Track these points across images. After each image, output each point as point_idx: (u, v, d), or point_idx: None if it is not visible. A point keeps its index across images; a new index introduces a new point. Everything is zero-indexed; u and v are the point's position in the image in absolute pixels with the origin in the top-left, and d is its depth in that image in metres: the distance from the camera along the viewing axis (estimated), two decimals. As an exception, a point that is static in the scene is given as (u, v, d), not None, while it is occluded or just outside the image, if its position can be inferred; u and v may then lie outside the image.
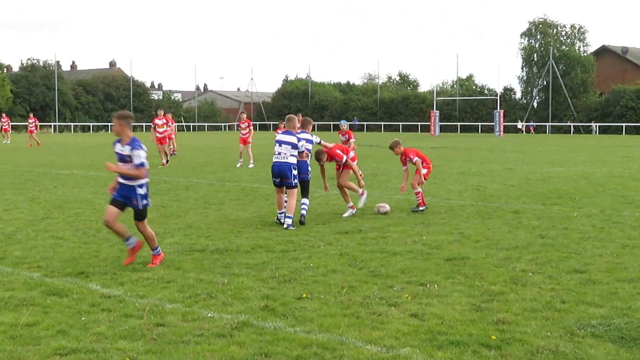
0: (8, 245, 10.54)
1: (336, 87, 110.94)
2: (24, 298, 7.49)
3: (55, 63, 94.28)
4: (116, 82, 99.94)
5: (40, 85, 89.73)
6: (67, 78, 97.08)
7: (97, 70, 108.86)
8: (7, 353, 5.82)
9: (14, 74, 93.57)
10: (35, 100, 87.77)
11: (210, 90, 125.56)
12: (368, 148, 42.00)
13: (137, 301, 7.40)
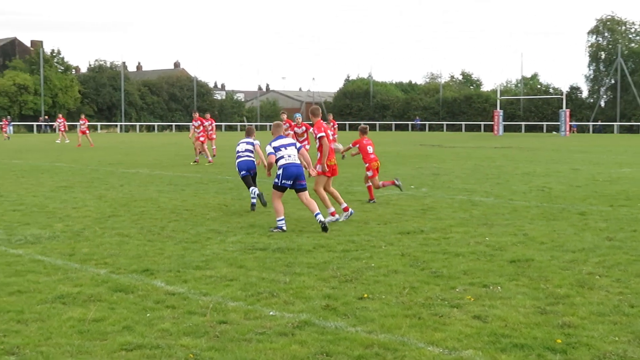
0: (76, 242, 10.80)
1: (398, 86, 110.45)
2: (91, 294, 7.67)
3: (122, 64, 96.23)
4: (180, 83, 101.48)
5: (107, 86, 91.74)
6: (133, 79, 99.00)
7: (161, 71, 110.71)
8: (76, 347, 5.96)
9: (82, 75, 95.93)
10: (102, 101, 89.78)
11: (272, 90, 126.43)
12: (430, 148, 41.71)
13: (200, 299, 7.49)
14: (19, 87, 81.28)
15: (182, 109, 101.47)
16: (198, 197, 16.59)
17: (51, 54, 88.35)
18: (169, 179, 21.08)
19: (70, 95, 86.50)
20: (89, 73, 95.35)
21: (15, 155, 33.41)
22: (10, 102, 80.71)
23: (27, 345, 5.99)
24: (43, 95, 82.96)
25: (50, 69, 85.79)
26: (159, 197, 16.44)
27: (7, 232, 11.62)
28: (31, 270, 8.79)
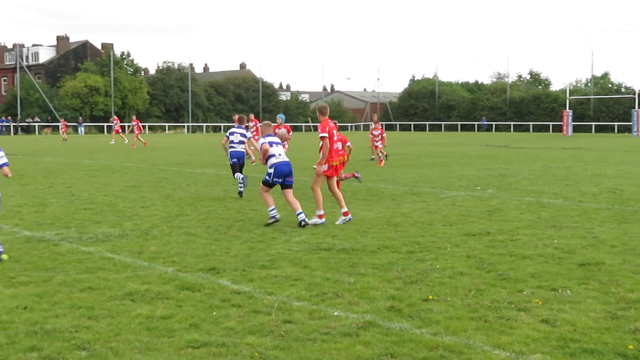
0: (145, 240, 11.01)
1: (464, 86, 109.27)
2: (159, 291, 7.80)
3: (189, 66, 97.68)
4: (246, 84, 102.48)
5: (175, 87, 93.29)
6: (199, 80, 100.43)
7: (228, 72, 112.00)
8: (144, 344, 6.08)
9: (151, 76, 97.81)
10: (170, 102, 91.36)
11: (337, 91, 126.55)
12: (496, 149, 41.13)
13: (265, 298, 7.55)
14: (90, 89, 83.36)
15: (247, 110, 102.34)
16: (263, 197, 16.70)
17: (121, 56, 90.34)
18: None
19: (139, 97, 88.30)
20: (157, 75, 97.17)
21: (86, 156, 34.26)
22: (82, 104, 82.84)
23: (98, 341, 6.13)
24: (113, 96, 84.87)
25: (120, 70, 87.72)
26: (225, 197, 16.63)
27: (79, 230, 11.92)
28: (101, 268, 9.00)
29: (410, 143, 50.12)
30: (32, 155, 34.75)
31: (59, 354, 5.82)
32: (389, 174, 23.05)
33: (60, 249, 10.31)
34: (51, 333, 6.34)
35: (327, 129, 12.63)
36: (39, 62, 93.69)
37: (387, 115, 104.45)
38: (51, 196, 16.88)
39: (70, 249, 10.26)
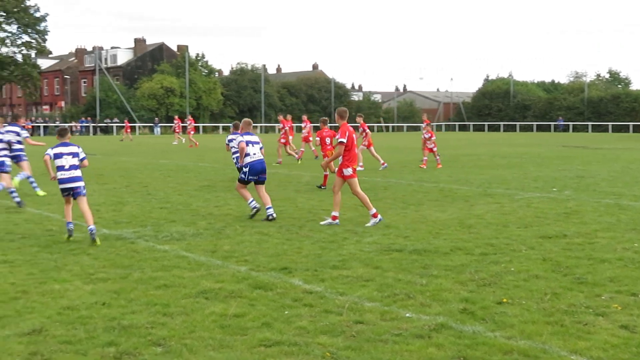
0: (218, 239, 11.16)
1: (540, 86, 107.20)
2: (232, 290, 7.89)
3: (262, 67, 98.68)
4: (318, 84, 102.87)
5: (248, 88, 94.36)
6: (272, 81, 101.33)
7: (300, 73, 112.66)
8: (217, 341, 6.16)
9: (225, 77, 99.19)
10: (243, 103, 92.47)
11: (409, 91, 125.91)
12: (573, 149, 40.20)
13: (337, 298, 7.55)
14: (166, 90, 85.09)
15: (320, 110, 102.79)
16: (335, 197, 16.72)
17: (196, 57, 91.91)
18: (306, 179, 21.40)
19: (213, 97, 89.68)
20: (231, 76, 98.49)
21: (162, 156, 34.96)
22: (158, 104, 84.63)
23: (173, 338, 6.24)
24: (188, 97, 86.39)
25: (195, 72, 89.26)
26: (296, 197, 16.72)
27: (155, 228, 12.16)
28: (176, 266, 9.16)
29: (483, 143, 49.42)
30: (110, 155, 35.66)
31: (135, 350, 5.94)
32: (462, 174, 22.77)
33: (137, 246, 10.55)
34: (128, 329, 6.49)
35: (347, 134, 12.48)
36: (117, 64, 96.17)
37: (460, 116, 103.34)
38: (128, 195, 17.28)
39: (146, 247, 10.48)
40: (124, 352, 5.88)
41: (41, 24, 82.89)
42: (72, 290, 7.94)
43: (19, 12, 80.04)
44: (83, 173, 11.41)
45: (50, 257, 9.76)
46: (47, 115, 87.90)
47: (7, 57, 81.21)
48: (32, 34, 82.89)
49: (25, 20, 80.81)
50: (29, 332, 6.39)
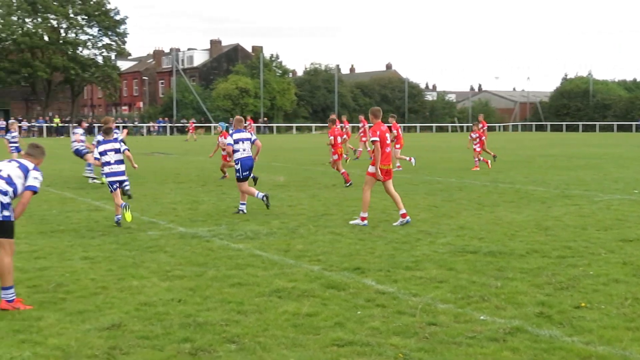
0: (291, 239, 11.23)
1: (621, 84, 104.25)
2: (305, 289, 7.94)
3: (336, 67, 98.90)
4: (392, 84, 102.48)
5: (322, 89, 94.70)
6: (346, 81, 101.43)
7: (374, 73, 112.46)
8: (290, 340, 6.20)
9: (298, 78, 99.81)
10: (316, 103, 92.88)
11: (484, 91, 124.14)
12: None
13: (410, 299, 7.51)
14: (240, 91, 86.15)
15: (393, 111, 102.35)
16: (408, 197, 16.62)
17: (270, 58, 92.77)
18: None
19: (287, 98, 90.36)
20: (304, 76, 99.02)
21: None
22: (233, 105, 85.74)
23: (246, 335, 6.31)
24: (262, 97, 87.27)
25: (269, 72, 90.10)
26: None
27: (229, 227, 12.33)
28: (250, 264, 9.27)
29: (561, 144, 48.37)
30: (186, 155, 36.31)
31: (210, 346, 6.04)
32: (539, 175, 22.33)
33: (212, 245, 10.71)
34: (203, 326, 6.59)
35: (379, 133, 12.38)
36: (193, 65, 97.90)
37: (537, 115, 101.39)
38: (204, 194, 17.57)
39: (221, 246, 10.63)
40: (199, 349, 5.98)
41: (121, 27, 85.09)
42: (150, 286, 8.11)
43: (99, 16, 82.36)
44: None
45: (128, 254, 10.01)
46: (126, 116, 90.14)
47: (89, 59, 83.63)
48: (112, 36, 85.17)
49: (106, 23, 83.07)
50: (108, 327, 6.56)
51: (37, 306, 7.26)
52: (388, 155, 12.64)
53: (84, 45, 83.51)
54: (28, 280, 8.31)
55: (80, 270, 8.92)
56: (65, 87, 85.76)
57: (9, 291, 7.24)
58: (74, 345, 6.05)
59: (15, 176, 7.42)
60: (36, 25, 79.12)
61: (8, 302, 7.20)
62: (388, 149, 12.61)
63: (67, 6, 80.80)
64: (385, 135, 12.50)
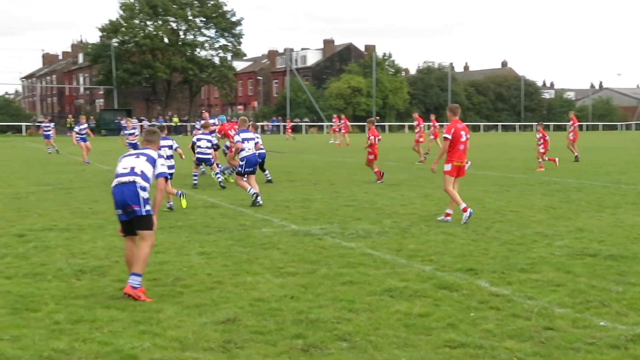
0: (403, 238, 11.17)
1: None
2: (417, 289, 7.87)
3: (449, 65, 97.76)
4: (507, 82, 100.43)
5: (435, 87, 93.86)
6: (459, 79, 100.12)
7: (488, 71, 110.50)
8: (402, 339, 6.17)
9: (411, 76, 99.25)
10: (429, 102, 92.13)
11: (605, 88, 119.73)
12: None
13: (525, 302, 7.32)
14: (353, 90, 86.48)
15: (508, 109, 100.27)
16: (524, 198, 16.25)
17: (383, 57, 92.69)
18: (493, 180, 20.96)
19: (399, 97, 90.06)
20: (417, 75, 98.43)
21: (348, 154, 35.55)
22: (345, 104, 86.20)
23: (358, 334, 6.32)
24: (375, 96, 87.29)
25: (382, 71, 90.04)
26: (483, 197, 16.40)
27: (341, 226, 12.39)
28: (362, 263, 9.28)
29: None
30: (299, 153, 36.78)
31: (322, 343, 6.08)
32: (664, 176, 21.32)
33: (324, 243, 10.79)
34: (315, 322, 6.65)
35: (453, 131, 12.57)
36: (306, 65, 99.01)
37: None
38: (316, 193, 17.73)
39: (333, 244, 10.70)
40: (311, 345, 6.03)
41: (237, 28, 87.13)
42: (263, 282, 8.26)
43: (217, 18, 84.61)
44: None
45: (243, 250, 10.22)
46: (241, 115, 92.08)
47: (206, 59, 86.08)
48: (228, 37, 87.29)
49: (223, 24, 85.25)
50: (223, 321, 6.72)
51: (156, 299, 7.53)
52: (462, 152, 12.80)
53: (201, 46, 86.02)
54: (148, 274, 8.62)
55: (197, 265, 9.18)
56: (183, 87, 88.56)
57: (138, 278, 7.60)
58: (191, 338, 6.23)
59: (148, 170, 7.94)
60: (157, 28, 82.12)
61: (133, 288, 7.54)
62: (461, 146, 12.73)
63: (186, 9, 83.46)
64: (460, 133, 12.68)
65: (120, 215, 7.79)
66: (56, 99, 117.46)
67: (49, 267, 9.08)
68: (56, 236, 11.38)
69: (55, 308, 7.17)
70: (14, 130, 73.67)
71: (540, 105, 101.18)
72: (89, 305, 7.29)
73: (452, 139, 12.63)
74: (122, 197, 7.69)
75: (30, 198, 16.78)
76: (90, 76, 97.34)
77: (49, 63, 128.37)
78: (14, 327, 6.54)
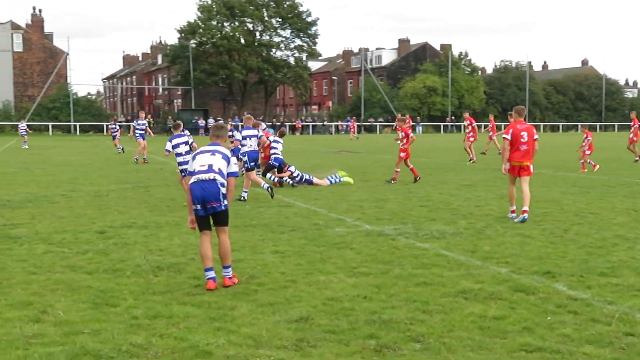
0: (478, 239, 11.02)
1: None
2: (492, 292, 7.76)
3: (527, 64, 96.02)
4: (588, 81, 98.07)
5: (512, 86, 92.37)
6: (538, 78, 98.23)
7: (568, 70, 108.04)
8: (476, 342, 6.08)
9: (488, 76, 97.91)
10: (506, 101, 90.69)
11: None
12: None
13: (604, 307, 7.13)
14: (428, 89, 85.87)
15: (589, 109, 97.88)
16: (604, 200, 15.83)
17: (459, 56, 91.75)
18: (573, 181, 20.48)
19: (475, 96, 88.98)
20: (494, 74, 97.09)
21: (422, 154, 35.29)
22: (420, 104, 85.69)
23: (431, 335, 6.27)
24: (450, 96, 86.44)
25: (458, 71, 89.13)
26: (562, 199, 16.05)
27: (415, 226, 12.30)
28: (436, 264, 9.19)
29: None
30: (373, 153, 36.72)
31: (394, 344, 6.05)
32: None
33: (398, 243, 10.74)
34: (388, 323, 6.62)
35: (511, 131, 12.98)
36: (381, 65, 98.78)
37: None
38: (390, 193, 17.66)
39: (406, 244, 10.64)
40: (384, 346, 6.01)
41: (312, 28, 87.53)
42: (336, 282, 8.27)
43: (292, 18, 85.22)
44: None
45: (316, 249, 10.26)
46: (316, 115, 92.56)
47: (281, 60, 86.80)
48: (303, 37, 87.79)
49: (298, 25, 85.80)
50: (296, 319, 6.76)
51: (230, 296, 7.63)
52: (522, 153, 12.97)
53: (277, 47, 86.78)
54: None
55: (270, 264, 9.27)
56: (259, 87, 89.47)
57: (229, 270, 8.13)
58: (265, 336, 6.29)
59: (224, 167, 8.25)
60: (234, 29, 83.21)
61: (229, 279, 8.08)
62: (523, 147, 12.93)
63: (262, 10, 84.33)
64: (520, 134, 12.96)
65: (198, 211, 8.05)
66: (136, 99, 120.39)
67: (128, 263, 9.31)
68: (135, 233, 11.66)
69: (134, 303, 7.35)
70: (96, 129, 75.85)
71: (622, 104, 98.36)
72: (166, 301, 7.44)
73: (511, 140, 12.94)
74: (204, 193, 7.97)
75: (111, 196, 17.24)
76: (169, 77, 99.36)
77: (129, 64, 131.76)
78: (94, 321, 6.73)
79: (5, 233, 11.67)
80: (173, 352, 5.89)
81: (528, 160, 12.96)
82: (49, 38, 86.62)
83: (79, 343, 6.06)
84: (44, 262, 9.41)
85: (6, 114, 75.77)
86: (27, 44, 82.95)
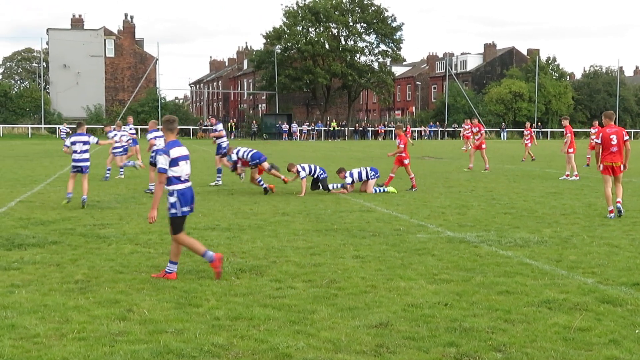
0: (564, 249, 10.76)
1: None
2: (577, 302, 7.56)
3: (618, 69, 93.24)
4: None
5: (602, 92, 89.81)
6: (629, 84, 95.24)
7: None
8: (560, 354, 5.94)
9: (576, 81, 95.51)
10: (595, 107, 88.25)
11: None
12: None
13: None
14: (514, 95, 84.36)
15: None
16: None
17: (546, 61, 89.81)
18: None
19: (563, 102, 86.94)
20: (583, 79, 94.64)
21: (507, 161, 34.71)
22: (506, 109, 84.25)
23: (513, 345, 6.16)
24: (537, 102, 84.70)
25: (545, 76, 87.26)
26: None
27: (498, 233, 12.11)
28: (519, 273, 9.02)
29: None
30: (456, 159, 36.29)
31: (475, 352, 5.98)
32: None
33: (480, 250, 10.59)
34: (469, 331, 6.54)
35: (601, 135, 14.15)
36: (466, 70, 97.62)
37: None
38: (473, 199, 17.44)
39: (489, 252, 10.48)
40: (464, 354, 5.94)
41: (397, 34, 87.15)
42: (417, 288, 8.22)
43: (377, 23, 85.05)
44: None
45: (397, 255, 10.22)
46: (399, 120, 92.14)
47: (365, 65, 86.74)
48: (388, 43, 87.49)
49: (383, 30, 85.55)
50: (376, 325, 6.75)
51: (311, 300, 7.68)
52: (613, 154, 14.06)
53: (361, 52, 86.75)
54: (304, 275, 8.81)
55: (351, 269, 9.28)
56: (342, 92, 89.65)
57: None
58: (344, 340, 6.31)
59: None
60: (318, 34, 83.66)
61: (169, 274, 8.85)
62: (614, 148, 14.00)
63: (347, 15, 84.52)
64: (609, 137, 14.07)
65: (186, 212, 8.97)
66: (221, 103, 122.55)
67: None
68: (218, 235, 11.87)
69: (216, 304, 7.48)
70: (183, 133, 77.54)
71: None
72: (247, 303, 7.55)
73: (602, 143, 14.14)
74: (192, 197, 9.18)
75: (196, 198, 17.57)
76: (254, 81, 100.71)
77: (215, 69, 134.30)
78: (177, 320, 6.88)
79: (95, 233, 12.08)
80: (253, 354, 5.97)
81: (619, 160, 14.08)
82: (139, 44, 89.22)
83: (163, 342, 6.22)
84: (131, 261, 9.70)
85: (98, 117, 78.35)
86: (119, 49, 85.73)
